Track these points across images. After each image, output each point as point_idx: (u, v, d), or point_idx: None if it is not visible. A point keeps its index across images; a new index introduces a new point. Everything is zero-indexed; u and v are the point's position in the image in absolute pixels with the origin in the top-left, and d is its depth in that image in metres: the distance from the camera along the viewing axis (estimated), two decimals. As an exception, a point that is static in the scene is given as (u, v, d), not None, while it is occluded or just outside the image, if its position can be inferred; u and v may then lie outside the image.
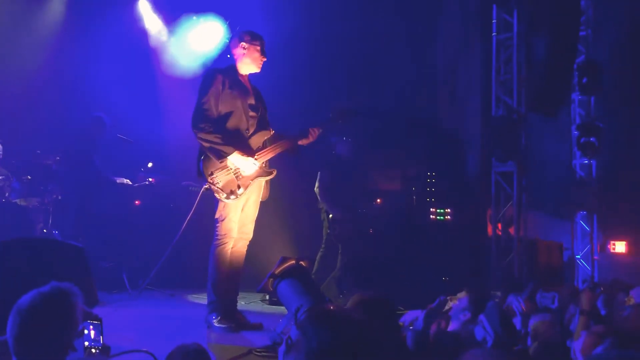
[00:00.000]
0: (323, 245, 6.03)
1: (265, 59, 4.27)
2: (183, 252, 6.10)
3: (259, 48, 4.23)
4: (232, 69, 4.27)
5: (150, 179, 6.61)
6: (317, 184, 6.05)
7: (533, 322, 3.10)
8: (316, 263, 5.90)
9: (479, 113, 7.33)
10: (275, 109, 4.62)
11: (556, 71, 6.69)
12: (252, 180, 4.13)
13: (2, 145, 6.28)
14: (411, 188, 7.47)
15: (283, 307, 5.00)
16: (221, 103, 4.09)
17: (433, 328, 2.78)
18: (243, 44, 4.23)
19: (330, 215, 5.88)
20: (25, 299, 1.91)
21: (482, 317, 2.78)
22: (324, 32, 7.69)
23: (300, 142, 4.28)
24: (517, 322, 3.22)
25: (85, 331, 2.44)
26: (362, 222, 6.65)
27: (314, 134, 4.24)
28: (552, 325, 3.12)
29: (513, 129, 6.64)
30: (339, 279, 5.73)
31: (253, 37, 4.25)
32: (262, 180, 4.27)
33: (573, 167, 7.53)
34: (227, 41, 7.78)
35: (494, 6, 6.99)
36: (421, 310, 3.19)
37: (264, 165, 4.23)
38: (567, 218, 7.54)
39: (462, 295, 3.36)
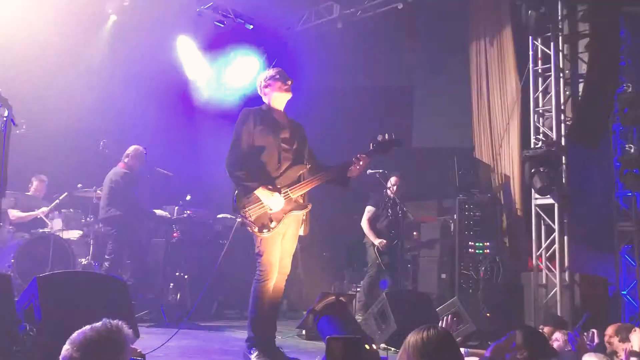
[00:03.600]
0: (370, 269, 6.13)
1: (290, 82, 4.34)
2: (219, 285, 6.12)
3: (277, 77, 4.34)
4: (265, 107, 4.39)
5: (188, 212, 6.68)
6: (364, 217, 6.20)
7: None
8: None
9: (517, 144, 7.23)
10: (313, 142, 4.64)
11: (596, 102, 6.58)
12: (285, 214, 4.13)
13: (46, 179, 6.47)
14: (448, 221, 7.39)
15: (320, 343, 4.96)
16: (254, 140, 4.20)
17: None
18: (263, 82, 4.38)
19: (378, 242, 5.95)
20: (78, 334, 1.92)
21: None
22: (359, 63, 7.78)
23: (349, 174, 4.26)
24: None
25: (130, 368, 2.43)
26: (399, 255, 6.61)
27: (359, 162, 4.18)
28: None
29: (553, 161, 6.52)
30: (376, 314, 5.63)
31: (270, 72, 4.40)
32: (300, 215, 4.26)
33: (616, 199, 7.33)
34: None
35: (531, 38, 6.95)
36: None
37: (299, 198, 4.23)
38: (612, 252, 7.29)
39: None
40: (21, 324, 3.47)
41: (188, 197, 6.80)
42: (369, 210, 6.76)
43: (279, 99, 4.36)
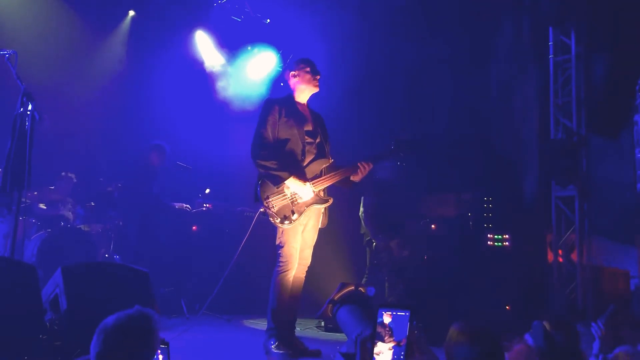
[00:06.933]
0: (367, 273, 5.97)
1: (319, 76, 4.35)
2: (240, 277, 6.16)
3: (308, 69, 4.33)
4: (289, 98, 4.39)
5: (207, 205, 6.74)
6: (361, 209, 6.04)
7: (615, 353, 2.95)
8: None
9: (536, 136, 7.16)
10: (331, 137, 4.64)
11: (617, 91, 6.49)
12: (307, 206, 4.16)
13: (74, 178, 6.57)
14: (467, 213, 7.33)
15: (340, 334, 4.98)
16: (279, 131, 4.20)
17: None
18: (293, 72, 4.37)
19: (374, 243, 5.82)
20: (111, 318, 1.98)
21: (527, 336, 2.70)
22: (377, 56, 7.75)
23: (352, 178, 4.27)
24: (595, 346, 3.08)
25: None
26: (414, 249, 6.55)
27: (363, 169, 4.21)
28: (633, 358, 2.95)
29: (573, 152, 6.45)
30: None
31: (300, 62, 4.39)
32: (320, 208, 4.28)
33: (638, 191, 7.22)
34: (280, 70, 7.97)
35: (550, 28, 6.86)
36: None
37: (321, 192, 4.25)
38: (633, 244, 7.20)
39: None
40: (47, 313, 3.56)
41: (207, 190, 6.85)
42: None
43: (305, 92, 4.38)
